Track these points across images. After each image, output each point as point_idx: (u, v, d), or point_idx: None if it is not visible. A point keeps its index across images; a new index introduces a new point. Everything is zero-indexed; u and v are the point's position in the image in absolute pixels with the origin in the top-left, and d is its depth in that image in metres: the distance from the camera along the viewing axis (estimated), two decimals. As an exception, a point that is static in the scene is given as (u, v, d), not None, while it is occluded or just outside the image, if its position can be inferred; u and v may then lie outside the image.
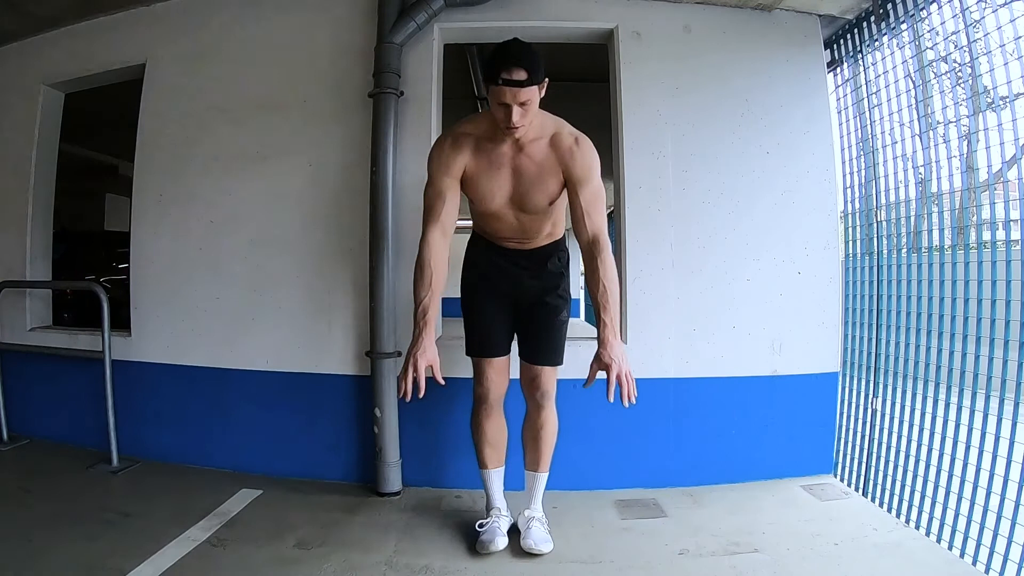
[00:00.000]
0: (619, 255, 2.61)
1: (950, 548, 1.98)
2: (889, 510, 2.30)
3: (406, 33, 2.52)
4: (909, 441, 2.26)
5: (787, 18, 2.66)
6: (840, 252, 2.65)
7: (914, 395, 2.26)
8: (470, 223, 2.11)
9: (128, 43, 2.93)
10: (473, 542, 1.95)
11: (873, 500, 2.40)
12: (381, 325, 2.45)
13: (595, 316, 1.69)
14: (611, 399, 1.55)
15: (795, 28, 2.65)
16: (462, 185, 1.81)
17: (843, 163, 2.75)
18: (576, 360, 2.03)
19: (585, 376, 1.66)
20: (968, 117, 2.19)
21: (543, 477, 2.01)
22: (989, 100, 2.07)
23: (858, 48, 2.65)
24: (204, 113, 2.78)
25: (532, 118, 1.62)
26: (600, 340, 1.63)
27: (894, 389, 2.38)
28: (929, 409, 2.16)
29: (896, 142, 2.43)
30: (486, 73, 1.58)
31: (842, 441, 2.68)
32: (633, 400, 1.58)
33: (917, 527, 2.14)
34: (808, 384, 2.58)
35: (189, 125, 2.79)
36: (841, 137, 2.76)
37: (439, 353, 1.68)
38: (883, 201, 2.53)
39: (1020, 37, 1.83)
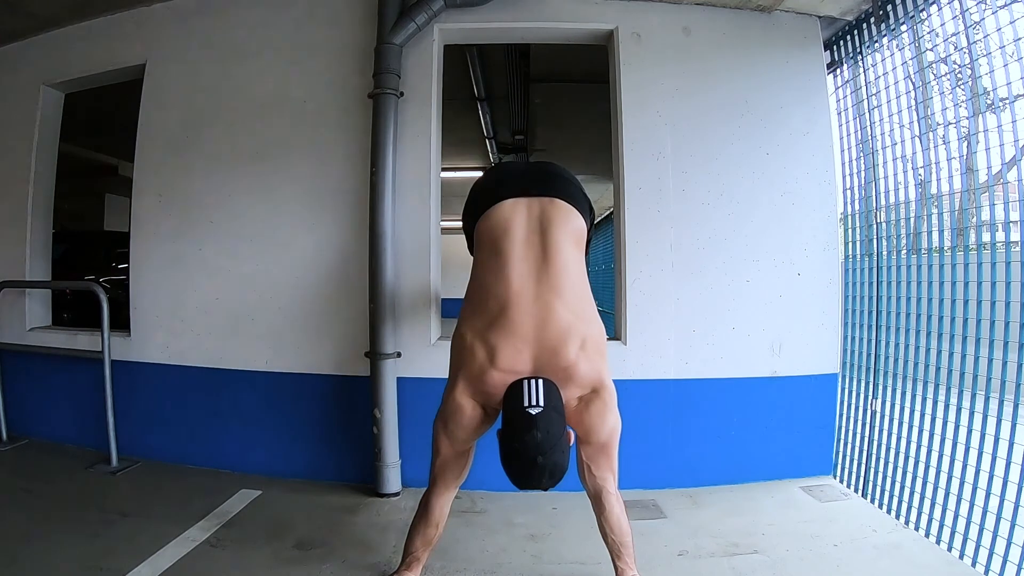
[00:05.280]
0: (619, 256, 2.61)
1: (949, 549, 1.98)
2: (888, 511, 2.30)
3: (406, 34, 2.52)
4: (908, 442, 2.26)
5: (787, 19, 2.66)
6: (840, 253, 2.66)
7: (913, 396, 2.26)
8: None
9: (128, 43, 2.93)
10: (472, 542, 1.94)
11: (872, 501, 2.40)
12: (381, 326, 2.45)
13: (612, 562, 1.66)
14: None
15: (795, 29, 2.66)
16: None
17: (843, 164, 2.75)
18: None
19: None
20: (968, 119, 2.19)
21: None
22: (989, 102, 2.07)
23: (858, 49, 2.65)
24: (204, 113, 2.78)
25: None
26: None
27: (893, 390, 2.38)
28: (928, 410, 2.16)
29: (896, 143, 2.44)
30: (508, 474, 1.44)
31: (841, 442, 2.68)
32: None
33: (916, 528, 2.14)
34: (808, 385, 2.59)
35: (189, 125, 2.79)
36: (841, 138, 2.77)
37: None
38: (883, 202, 2.53)
39: (1020, 39, 1.83)
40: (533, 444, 1.34)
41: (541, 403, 1.40)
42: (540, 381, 1.44)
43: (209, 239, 2.74)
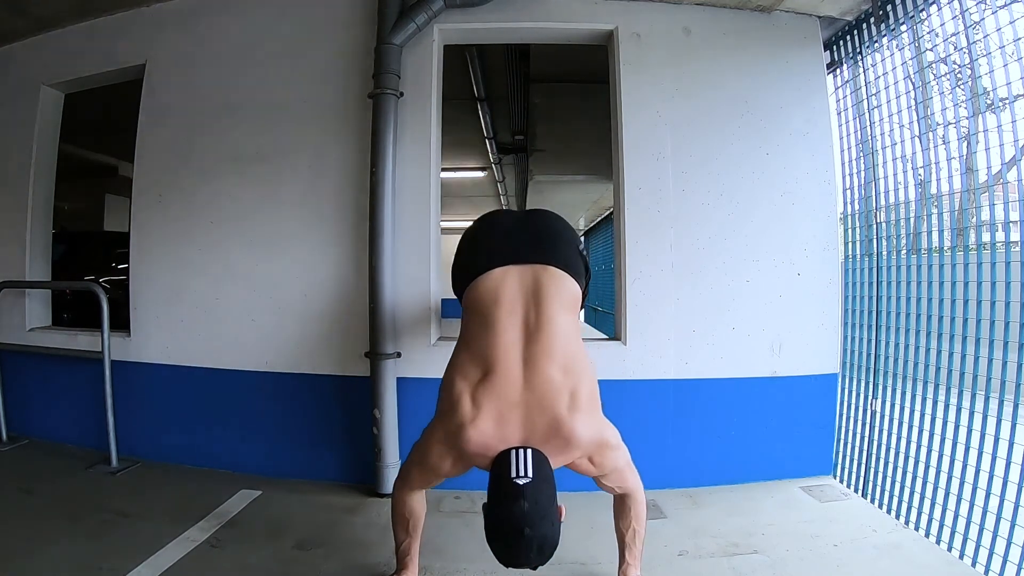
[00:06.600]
0: (619, 256, 2.61)
1: (949, 549, 1.98)
2: (888, 511, 2.30)
3: (406, 34, 2.52)
4: (908, 442, 2.26)
5: (787, 20, 2.66)
6: (839, 253, 2.66)
7: (913, 396, 2.26)
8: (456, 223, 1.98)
9: (128, 43, 2.93)
10: (472, 542, 1.94)
11: (872, 501, 2.40)
12: (381, 326, 2.45)
13: (619, 551, 1.72)
14: None
15: (795, 29, 2.66)
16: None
17: (843, 165, 2.75)
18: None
19: None
20: (968, 119, 2.19)
21: None
22: (989, 102, 2.07)
23: (858, 49, 2.65)
24: (204, 113, 2.78)
25: None
26: None
27: (893, 390, 2.38)
28: (928, 410, 2.16)
29: (896, 143, 2.44)
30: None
31: (841, 442, 2.67)
32: None
33: (916, 528, 2.14)
34: (807, 385, 2.59)
35: (189, 125, 2.79)
36: (841, 139, 2.76)
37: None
38: (882, 202, 2.53)
39: (1020, 39, 1.83)
40: (520, 515, 1.28)
41: (530, 474, 1.35)
42: (529, 451, 1.40)
43: (209, 239, 2.74)
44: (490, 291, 1.62)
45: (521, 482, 1.33)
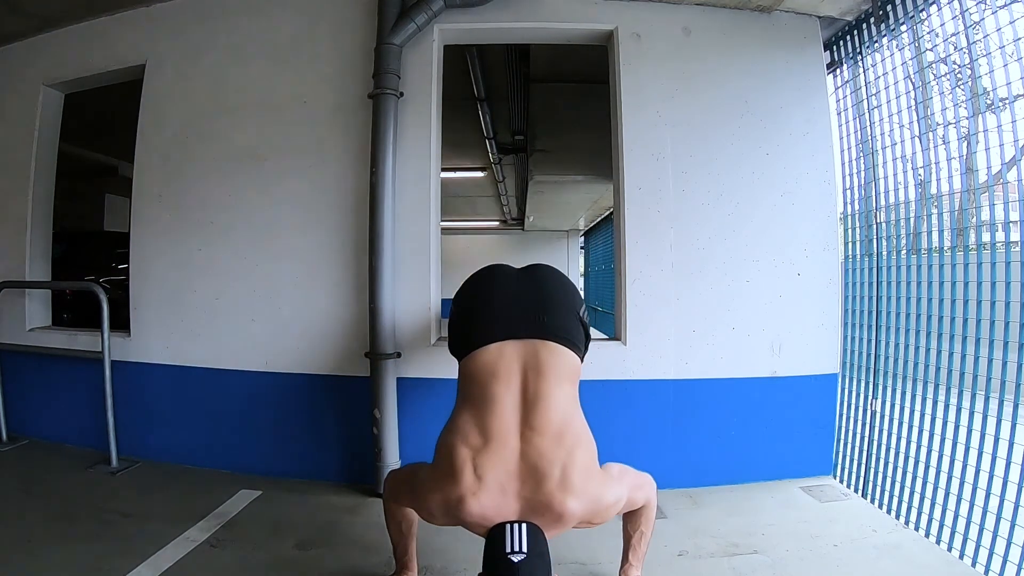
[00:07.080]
0: (619, 257, 2.61)
1: (949, 549, 1.98)
2: (888, 511, 2.30)
3: (406, 34, 2.52)
4: (908, 442, 2.26)
5: (787, 20, 2.66)
6: (840, 253, 2.66)
7: (913, 396, 2.26)
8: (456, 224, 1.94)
9: (128, 43, 2.93)
10: (473, 542, 1.94)
11: (872, 501, 2.40)
12: (380, 326, 2.45)
13: (623, 550, 1.76)
14: None
15: (795, 30, 2.66)
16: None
17: (843, 165, 2.75)
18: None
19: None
20: (968, 119, 2.19)
21: None
22: (989, 102, 2.07)
23: (858, 50, 2.65)
24: (204, 113, 2.78)
25: None
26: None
27: (893, 390, 2.38)
28: (928, 410, 2.16)
29: (896, 143, 2.44)
30: None
31: (841, 442, 2.67)
32: None
33: (916, 528, 2.14)
34: (807, 385, 2.59)
35: (189, 125, 2.80)
36: (841, 139, 2.76)
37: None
38: (882, 203, 2.53)
39: (1020, 39, 1.83)
40: None
41: (525, 549, 1.34)
42: (524, 526, 1.39)
43: (209, 239, 2.74)
44: (488, 365, 1.61)
45: (516, 559, 1.33)
